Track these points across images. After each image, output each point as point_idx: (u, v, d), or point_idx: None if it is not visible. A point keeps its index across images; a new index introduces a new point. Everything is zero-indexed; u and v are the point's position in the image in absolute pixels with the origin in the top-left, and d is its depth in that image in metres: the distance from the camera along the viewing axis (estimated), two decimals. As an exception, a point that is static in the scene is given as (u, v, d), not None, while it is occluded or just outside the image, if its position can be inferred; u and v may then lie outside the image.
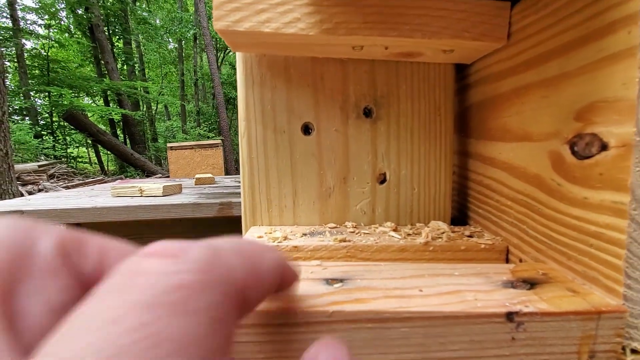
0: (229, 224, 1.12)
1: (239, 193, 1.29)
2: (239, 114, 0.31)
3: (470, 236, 0.28)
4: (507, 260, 0.27)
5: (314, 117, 0.31)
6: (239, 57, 0.30)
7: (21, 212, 1.03)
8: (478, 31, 0.25)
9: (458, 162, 0.35)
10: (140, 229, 1.15)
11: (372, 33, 0.24)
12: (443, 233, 0.29)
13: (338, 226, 0.31)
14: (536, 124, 0.22)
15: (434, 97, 0.31)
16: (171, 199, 1.12)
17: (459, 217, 0.35)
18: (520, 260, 0.25)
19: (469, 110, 0.32)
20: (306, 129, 0.31)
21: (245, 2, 0.23)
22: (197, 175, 1.56)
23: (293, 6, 0.24)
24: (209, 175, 1.58)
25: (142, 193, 1.19)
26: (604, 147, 0.17)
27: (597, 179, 0.18)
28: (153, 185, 1.18)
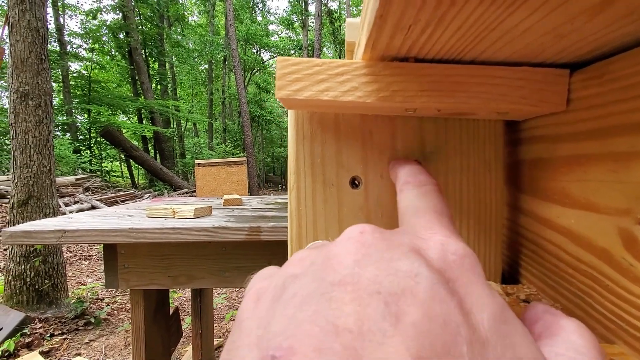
0: (257, 248, 1.13)
1: (267, 216, 1.29)
2: (288, 167, 0.32)
3: (526, 301, 0.27)
4: (569, 331, 0.25)
5: (362, 171, 0.31)
6: (290, 113, 0.31)
7: (64, 232, 1.08)
8: (536, 98, 0.24)
9: (509, 215, 0.34)
10: (171, 249, 1.19)
11: (429, 100, 0.24)
12: (496, 296, 0.28)
13: None
14: (603, 197, 0.22)
15: (483, 153, 0.31)
16: (202, 221, 1.15)
17: (510, 272, 0.34)
18: (585, 335, 0.24)
19: (521, 165, 0.32)
20: (354, 182, 0.32)
21: (305, 73, 0.24)
22: (226, 197, 1.59)
23: (351, 76, 0.24)
24: (237, 196, 1.61)
25: (175, 215, 1.22)
26: (688, 237, 0.17)
27: (680, 269, 0.17)
28: (185, 207, 1.22)
